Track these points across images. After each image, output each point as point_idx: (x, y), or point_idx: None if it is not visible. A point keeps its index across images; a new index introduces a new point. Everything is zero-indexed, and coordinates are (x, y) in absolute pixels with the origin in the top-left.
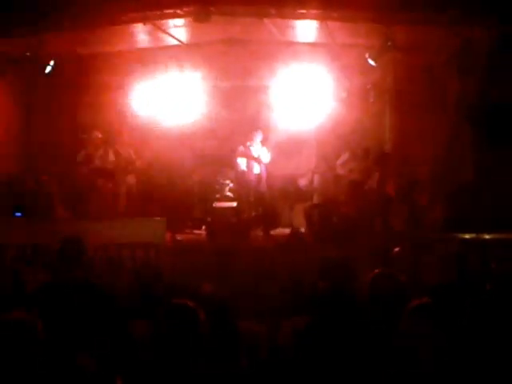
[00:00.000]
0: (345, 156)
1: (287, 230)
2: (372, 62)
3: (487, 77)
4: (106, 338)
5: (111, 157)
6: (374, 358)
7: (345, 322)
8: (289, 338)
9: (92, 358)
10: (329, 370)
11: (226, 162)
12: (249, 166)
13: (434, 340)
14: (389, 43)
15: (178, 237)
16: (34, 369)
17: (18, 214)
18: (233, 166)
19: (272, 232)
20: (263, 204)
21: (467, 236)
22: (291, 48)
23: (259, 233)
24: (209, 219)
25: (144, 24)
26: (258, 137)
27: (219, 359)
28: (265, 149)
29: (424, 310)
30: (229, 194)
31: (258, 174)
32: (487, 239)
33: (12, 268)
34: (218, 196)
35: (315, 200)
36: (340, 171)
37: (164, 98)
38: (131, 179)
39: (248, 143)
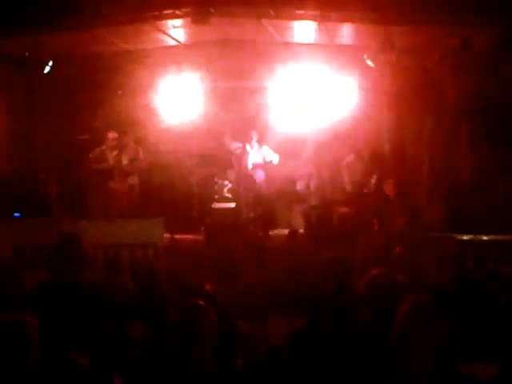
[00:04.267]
0: (350, 157)
1: (286, 231)
2: (370, 63)
3: (485, 77)
4: (103, 337)
5: (124, 159)
6: (370, 358)
7: (342, 322)
8: (285, 338)
9: (88, 357)
10: (324, 370)
11: (224, 162)
12: (247, 167)
13: (429, 338)
14: (387, 44)
15: (177, 237)
16: (29, 369)
17: (17, 215)
18: (232, 166)
19: (271, 233)
20: (262, 205)
21: (465, 237)
22: (289, 49)
23: (258, 233)
24: (207, 220)
25: (142, 24)
26: (254, 137)
27: (218, 359)
28: (267, 148)
29: (424, 304)
30: (227, 194)
31: (257, 174)
32: (485, 240)
33: (10, 268)
34: (216, 197)
35: (313, 201)
36: (344, 172)
37: (163, 98)
38: (133, 179)
39: (246, 144)
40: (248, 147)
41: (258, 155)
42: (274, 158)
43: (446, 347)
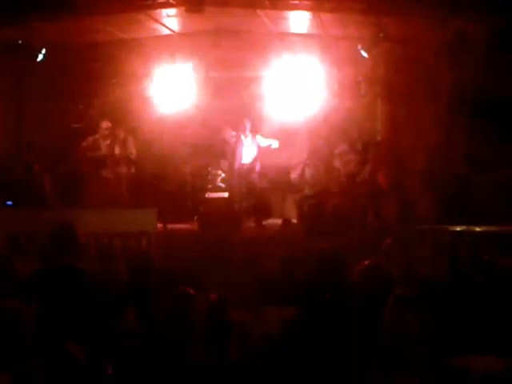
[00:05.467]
0: (342, 147)
1: (279, 221)
2: (364, 54)
3: (480, 67)
4: (97, 325)
5: (117, 149)
6: (361, 346)
7: (333, 312)
8: (277, 327)
9: (82, 346)
10: (316, 358)
11: (217, 152)
12: (240, 156)
13: (413, 330)
14: (381, 34)
15: (170, 227)
16: (24, 356)
17: (9, 203)
18: (225, 156)
19: (264, 222)
20: (255, 195)
21: (458, 228)
22: (283, 39)
23: (251, 223)
24: (201, 209)
25: (136, 13)
26: (248, 126)
27: (210, 347)
28: (260, 137)
29: (409, 300)
30: (221, 184)
31: (251, 164)
32: (478, 231)
33: (3, 255)
34: (209, 186)
35: (307, 191)
36: (336, 163)
37: (156, 87)
38: (126, 169)
39: (240, 134)
40: (242, 137)
41: (251, 144)
42: (274, 143)
43: (432, 339)
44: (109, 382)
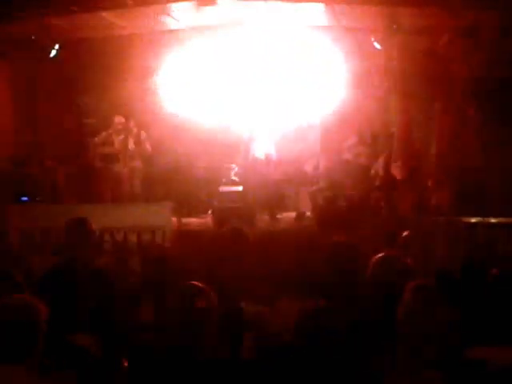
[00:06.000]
0: (352, 140)
1: (293, 214)
2: (377, 46)
3: (494, 60)
4: (112, 320)
5: (131, 144)
6: (375, 342)
7: (348, 306)
8: (293, 321)
9: (97, 341)
10: (329, 354)
11: (231, 145)
12: (254, 149)
13: (430, 323)
14: (394, 26)
15: (184, 221)
16: (37, 352)
17: (25, 199)
18: (238, 150)
19: (278, 216)
20: (269, 188)
21: (473, 220)
22: (297, 31)
23: (265, 216)
24: (214, 203)
25: (148, 7)
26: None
27: (224, 342)
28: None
29: (426, 290)
30: (234, 178)
31: (264, 157)
32: (493, 223)
33: (19, 253)
34: (223, 180)
35: (321, 184)
36: (347, 155)
37: (170, 82)
38: (137, 163)
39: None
40: (256, 130)
41: (265, 138)
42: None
43: (448, 333)
44: (124, 376)
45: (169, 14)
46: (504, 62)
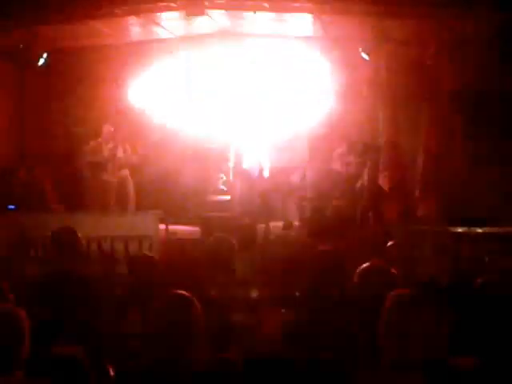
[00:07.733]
0: (341, 149)
1: (280, 224)
2: (365, 56)
3: (481, 68)
4: (99, 327)
5: (120, 152)
6: (360, 347)
7: (334, 315)
8: (279, 330)
9: (84, 348)
10: (316, 362)
11: (219, 155)
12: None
13: (413, 332)
14: (382, 37)
15: (172, 230)
16: (20, 362)
17: (12, 207)
18: (226, 159)
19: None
20: (256, 197)
21: (460, 229)
22: (285, 42)
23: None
24: (202, 212)
25: (137, 17)
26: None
27: (211, 350)
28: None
29: (406, 299)
30: (222, 187)
31: (253, 167)
32: (480, 233)
33: (4, 261)
34: (211, 189)
35: (308, 194)
36: (335, 164)
37: (157, 91)
38: (125, 172)
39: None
40: (244, 140)
41: (254, 147)
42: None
43: (433, 339)
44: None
45: (158, 24)
46: (491, 74)
